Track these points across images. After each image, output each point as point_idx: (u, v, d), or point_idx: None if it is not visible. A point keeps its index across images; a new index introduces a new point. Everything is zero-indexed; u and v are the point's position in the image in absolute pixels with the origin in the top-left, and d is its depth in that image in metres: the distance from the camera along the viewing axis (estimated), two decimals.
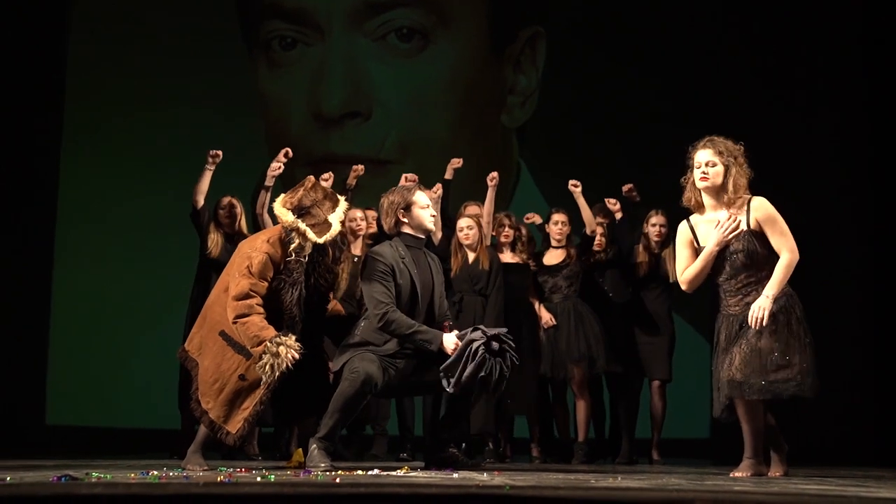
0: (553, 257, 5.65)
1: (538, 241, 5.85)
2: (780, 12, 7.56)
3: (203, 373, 3.89)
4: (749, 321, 3.76)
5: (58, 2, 7.64)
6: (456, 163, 5.58)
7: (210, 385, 3.86)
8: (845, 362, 6.81)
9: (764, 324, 3.72)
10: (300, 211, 3.93)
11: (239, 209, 5.48)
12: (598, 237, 5.66)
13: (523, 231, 5.70)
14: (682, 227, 3.99)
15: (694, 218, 3.98)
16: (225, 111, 7.52)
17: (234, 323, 3.80)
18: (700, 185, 3.89)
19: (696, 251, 3.93)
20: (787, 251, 3.78)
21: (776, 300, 3.75)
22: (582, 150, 7.52)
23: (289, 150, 5.20)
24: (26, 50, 7.30)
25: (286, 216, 3.92)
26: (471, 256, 5.44)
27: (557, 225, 5.64)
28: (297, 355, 3.74)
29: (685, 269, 3.94)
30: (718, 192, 3.88)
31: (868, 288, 7.20)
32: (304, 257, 3.97)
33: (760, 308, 3.74)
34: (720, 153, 3.86)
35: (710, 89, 7.51)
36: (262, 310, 3.82)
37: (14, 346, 7.02)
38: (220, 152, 5.28)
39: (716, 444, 6.73)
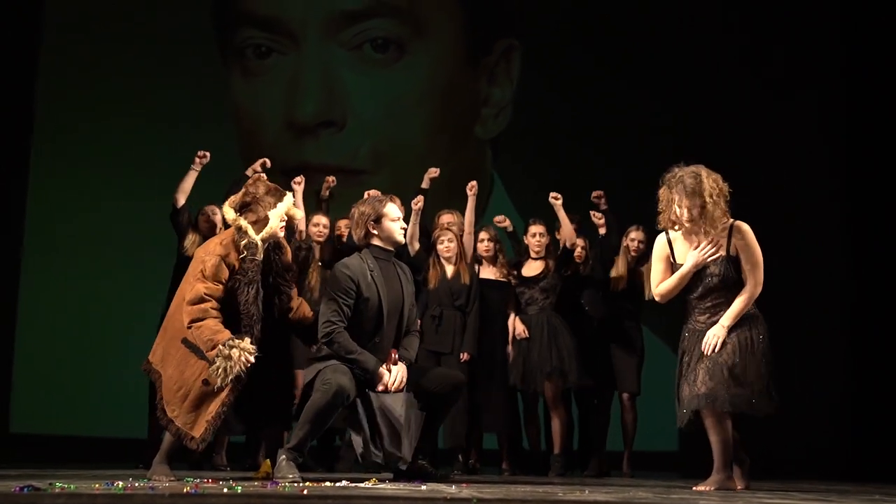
0: (531, 269, 5.62)
1: (508, 248, 5.83)
2: (758, 19, 7.66)
3: (167, 381, 3.85)
4: (703, 347, 3.85)
5: (30, 6, 7.56)
6: (433, 172, 5.57)
7: (174, 393, 3.83)
8: (817, 376, 6.88)
9: (716, 351, 3.81)
10: (242, 207, 3.92)
11: (218, 217, 5.40)
12: (578, 250, 5.64)
13: (501, 246, 5.64)
14: (660, 241, 4.03)
15: (672, 233, 4.01)
16: (199, 118, 7.47)
17: (189, 328, 3.76)
18: (673, 233, 3.94)
19: (671, 265, 3.99)
20: (752, 283, 3.86)
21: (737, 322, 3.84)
22: (556, 163, 7.57)
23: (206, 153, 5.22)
24: None
25: (228, 213, 3.92)
26: (449, 270, 5.42)
27: (535, 237, 5.60)
28: (251, 358, 3.71)
29: (660, 283, 3.99)
30: (696, 225, 3.88)
31: (843, 300, 7.26)
32: (259, 256, 3.90)
33: (715, 336, 3.84)
34: (692, 194, 3.82)
35: (684, 102, 7.58)
36: (217, 314, 3.78)
37: None
38: (207, 153, 5.25)
39: (684, 457, 6.77)
